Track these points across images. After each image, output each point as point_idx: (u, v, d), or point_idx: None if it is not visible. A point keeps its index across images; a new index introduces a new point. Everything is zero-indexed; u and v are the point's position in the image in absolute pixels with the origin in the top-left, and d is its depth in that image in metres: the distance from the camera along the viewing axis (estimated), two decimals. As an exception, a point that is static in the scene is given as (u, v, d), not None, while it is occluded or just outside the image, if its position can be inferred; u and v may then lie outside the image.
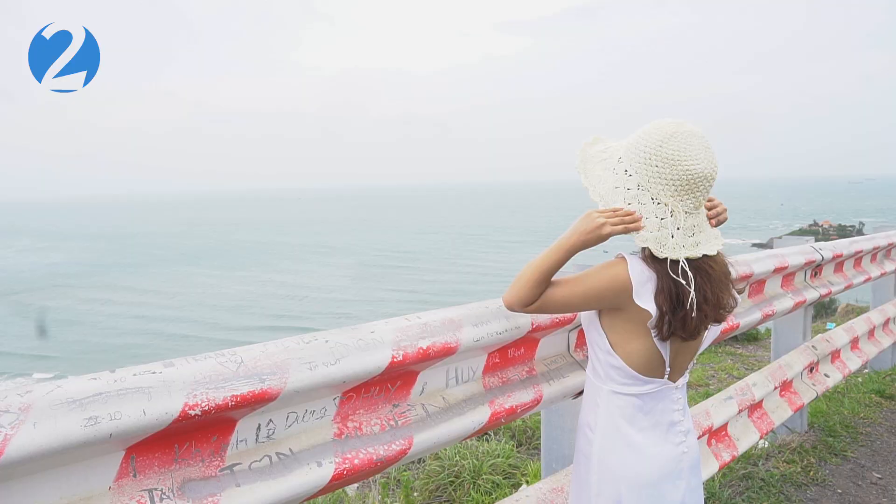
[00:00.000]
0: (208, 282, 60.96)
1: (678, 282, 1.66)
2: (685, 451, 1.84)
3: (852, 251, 4.62)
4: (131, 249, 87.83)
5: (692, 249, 1.67)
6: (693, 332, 1.71)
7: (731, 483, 3.71)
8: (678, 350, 1.79)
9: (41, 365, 34.58)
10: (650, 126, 1.70)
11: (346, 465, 1.63)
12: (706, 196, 1.72)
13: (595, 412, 1.85)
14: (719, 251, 1.74)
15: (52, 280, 63.27)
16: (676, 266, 1.66)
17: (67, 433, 1.18)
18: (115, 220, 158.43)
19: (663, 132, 1.66)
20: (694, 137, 1.66)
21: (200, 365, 1.40)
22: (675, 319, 1.67)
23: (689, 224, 1.68)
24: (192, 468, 1.44)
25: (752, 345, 8.21)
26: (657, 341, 1.74)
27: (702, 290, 1.68)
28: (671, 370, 1.80)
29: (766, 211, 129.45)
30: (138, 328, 43.45)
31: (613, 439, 1.81)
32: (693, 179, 1.64)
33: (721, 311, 1.75)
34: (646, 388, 1.78)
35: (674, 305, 1.67)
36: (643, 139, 1.68)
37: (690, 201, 1.67)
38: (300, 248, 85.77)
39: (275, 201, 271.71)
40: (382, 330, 1.73)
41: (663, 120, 1.70)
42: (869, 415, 4.91)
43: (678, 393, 1.84)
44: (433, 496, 3.79)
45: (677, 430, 1.83)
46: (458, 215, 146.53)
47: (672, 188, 1.65)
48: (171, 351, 31.46)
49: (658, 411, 1.80)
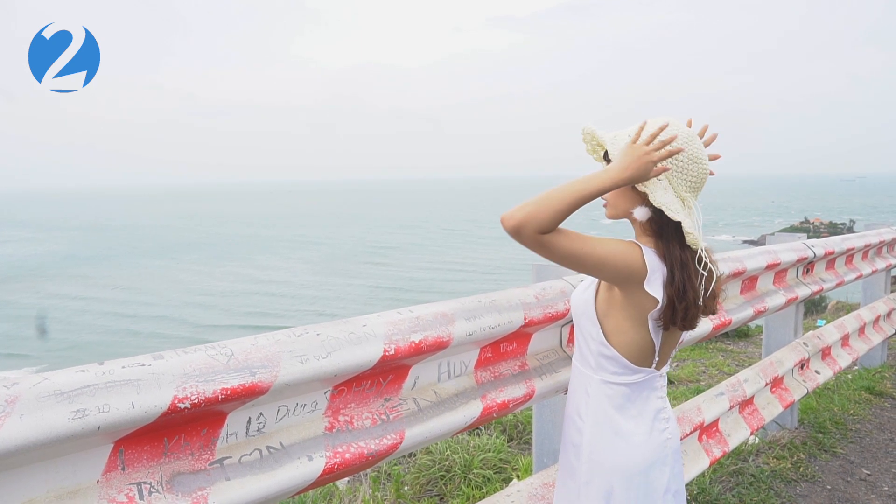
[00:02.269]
0: (181, 276, 59.56)
1: (685, 273, 1.69)
2: (669, 437, 1.87)
3: (844, 248, 4.64)
4: (110, 241, 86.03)
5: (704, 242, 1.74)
6: (692, 322, 1.74)
7: (721, 479, 3.72)
8: (666, 339, 1.83)
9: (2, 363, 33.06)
10: (666, 121, 1.70)
11: (337, 459, 1.62)
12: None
13: (585, 402, 1.86)
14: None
15: (25, 272, 61.73)
16: (693, 255, 1.71)
17: (54, 426, 1.17)
18: (103, 212, 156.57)
19: (686, 131, 1.71)
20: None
21: (190, 357, 1.39)
22: (680, 310, 1.70)
23: (696, 218, 1.73)
24: (181, 462, 1.42)
25: (743, 341, 8.24)
26: (653, 331, 1.76)
27: (708, 280, 1.75)
28: (658, 359, 1.84)
29: (757, 208, 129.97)
30: (103, 325, 42.10)
31: (603, 428, 1.83)
32: (705, 179, 1.74)
33: (714, 303, 1.80)
34: (636, 377, 1.81)
35: (680, 296, 1.69)
36: (666, 133, 1.68)
37: (695, 197, 1.74)
38: (286, 242, 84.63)
39: (266, 195, 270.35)
40: (374, 323, 1.72)
41: (674, 118, 1.73)
42: (859, 411, 4.93)
43: (662, 381, 1.89)
44: (424, 490, 3.79)
45: (662, 417, 1.87)
46: (447, 210, 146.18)
47: (689, 184, 1.71)
48: (136, 349, 30.51)
49: (644, 399, 1.84)
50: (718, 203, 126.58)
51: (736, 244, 61.86)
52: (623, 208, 1.76)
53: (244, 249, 76.34)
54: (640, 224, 1.75)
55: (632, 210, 1.74)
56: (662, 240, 1.71)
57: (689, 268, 1.70)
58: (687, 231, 1.67)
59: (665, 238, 1.71)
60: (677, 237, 1.70)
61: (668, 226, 1.70)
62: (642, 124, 1.70)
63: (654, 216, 1.71)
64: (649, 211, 1.71)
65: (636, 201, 1.72)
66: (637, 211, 1.72)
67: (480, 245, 77.60)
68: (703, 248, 1.72)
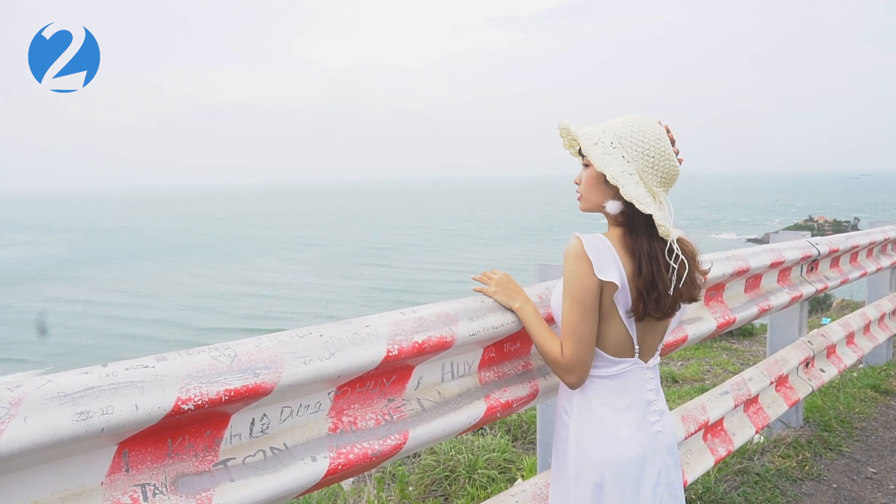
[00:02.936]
0: (181, 279, 58.98)
1: (655, 263, 1.74)
2: (660, 431, 1.88)
3: (848, 246, 4.62)
4: (110, 244, 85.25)
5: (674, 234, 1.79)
6: (667, 311, 1.79)
7: (726, 478, 3.71)
8: (647, 330, 1.85)
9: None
10: (638, 119, 1.77)
11: (341, 459, 1.62)
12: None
13: (570, 397, 1.90)
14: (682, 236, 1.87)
15: (23, 275, 61.11)
16: (664, 247, 1.76)
17: (58, 428, 1.17)
18: (103, 215, 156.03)
19: (656, 129, 1.76)
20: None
21: (193, 359, 1.39)
22: (650, 300, 1.74)
23: (667, 212, 1.78)
24: (185, 463, 1.42)
25: (748, 340, 8.23)
26: (627, 322, 1.79)
27: (678, 271, 1.78)
28: (641, 349, 1.86)
29: (761, 206, 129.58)
30: (100, 328, 41.54)
31: (588, 423, 1.85)
32: (676, 175, 1.79)
33: (694, 290, 1.83)
34: (617, 368, 1.84)
35: (649, 287, 1.73)
36: (637, 130, 1.74)
37: (666, 192, 1.79)
38: (286, 243, 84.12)
39: (267, 195, 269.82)
40: (377, 324, 1.72)
41: (646, 116, 1.79)
42: (864, 410, 4.92)
43: (650, 373, 1.90)
44: (428, 491, 3.79)
45: (652, 410, 1.88)
46: (448, 210, 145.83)
47: (660, 179, 1.76)
48: (132, 353, 30.07)
49: (632, 392, 1.85)
50: (722, 202, 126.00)
51: (740, 242, 61.52)
52: (596, 202, 1.81)
53: (244, 251, 76.01)
54: (612, 217, 1.81)
55: (604, 203, 1.79)
56: (632, 232, 1.77)
57: (659, 259, 1.74)
58: (658, 223, 1.72)
59: (634, 231, 1.76)
60: (647, 230, 1.76)
61: (639, 219, 1.75)
62: (618, 119, 1.79)
63: (625, 209, 1.76)
64: (621, 204, 1.76)
65: (608, 195, 1.78)
66: (609, 204, 1.78)
67: (482, 245, 77.45)
68: (674, 239, 1.76)
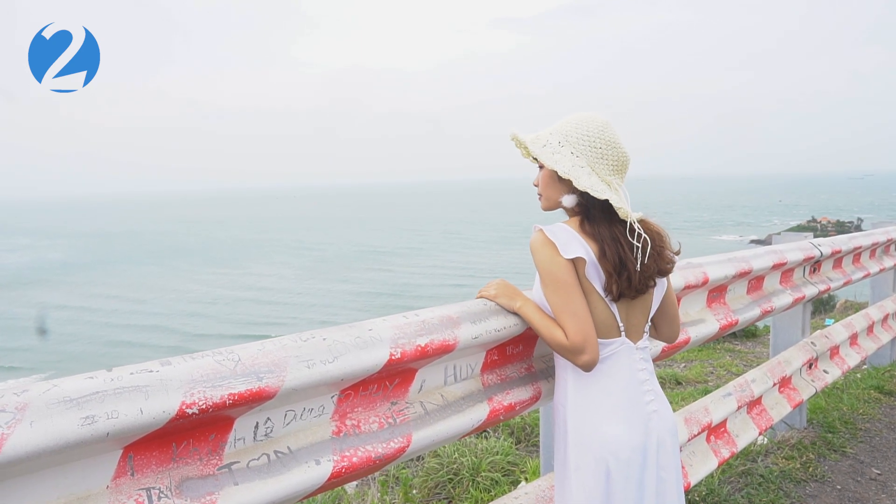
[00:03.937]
0: (179, 285, 58.74)
1: (618, 244, 1.78)
2: (655, 410, 1.90)
3: (851, 247, 4.62)
4: (109, 249, 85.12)
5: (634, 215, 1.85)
6: (640, 287, 1.83)
7: (730, 480, 3.71)
8: (629, 309, 1.88)
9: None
10: (581, 116, 1.85)
11: (345, 462, 1.62)
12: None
13: (564, 388, 1.92)
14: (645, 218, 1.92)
15: (21, 281, 60.80)
16: (623, 228, 1.80)
17: (64, 432, 1.18)
18: (103, 220, 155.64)
19: (599, 121, 1.84)
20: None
21: (198, 363, 1.39)
22: (622, 280, 1.78)
23: (623, 196, 1.84)
24: (189, 467, 1.43)
25: (751, 341, 8.22)
26: (608, 301, 1.82)
27: (643, 248, 1.83)
28: (627, 329, 1.88)
29: (764, 207, 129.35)
30: (97, 335, 41.23)
31: (583, 408, 1.87)
32: (626, 161, 1.85)
33: (665, 264, 1.88)
34: (606, 350, 1.86)
35: (618, 267, 1.77)
36: (582, 126, 1.82)
37: (621, 179, 1.85)
38: (286, 247, 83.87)
39: (268, 199, 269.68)
40: (380, 327, 1.73)
41: (588, 112, 1.87)
42: (868, 411, 4.91)
43: (640, 353, 1.92)
44: (432, 494, 3.79)
45: (645, 390, 1.90)
46: (449, 213, 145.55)
47: (611, 167, 1.82)
48: (127, 360, 29.49)
49: (624, 373, 1.87)
50: (725, 203, 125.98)
51: (743, 244, 61.43)
52: (553, 199, 1.87)
53: (244, 256, 75.91)
54: (570, 210, 1.86)
55: (560, 198, 1.84)
56: (590, 221, 1.81)
57: (620, 240, 1.79)
58: (616, 207, 1.77)
59: (592, 219, 1.81)
60: (605, 216, 1.80)
61: (595, 207, 1.80)
62: (563, 119, 1.87)
63: (581, 200, 1.82)
64: (576, 196, 1.82)
65: (563, 190, 1.84)
66: (565, 198, 1.83)
67: (482, 248, 77.37)
68: (634, 220, 1.81)
